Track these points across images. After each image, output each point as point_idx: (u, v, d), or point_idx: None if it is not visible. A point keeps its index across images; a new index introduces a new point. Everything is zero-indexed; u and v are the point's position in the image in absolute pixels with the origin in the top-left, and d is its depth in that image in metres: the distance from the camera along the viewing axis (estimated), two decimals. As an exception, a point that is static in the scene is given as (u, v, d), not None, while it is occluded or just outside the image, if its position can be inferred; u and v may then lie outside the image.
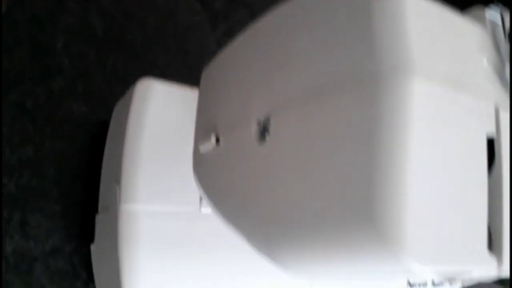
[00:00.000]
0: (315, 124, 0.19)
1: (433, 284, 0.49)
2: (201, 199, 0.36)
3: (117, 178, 0.34)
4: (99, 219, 0.39)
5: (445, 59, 0.19)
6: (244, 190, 0.22)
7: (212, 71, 0.27)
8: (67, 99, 0.43)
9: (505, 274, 0.20)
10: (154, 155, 0.35)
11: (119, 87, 0.44)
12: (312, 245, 0.19)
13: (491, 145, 0.20)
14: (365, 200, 0.17)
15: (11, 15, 0.43)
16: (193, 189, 0.36)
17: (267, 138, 0.21)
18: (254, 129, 0.22)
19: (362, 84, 0.17)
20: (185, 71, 0.50)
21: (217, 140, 0.25)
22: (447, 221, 0.17)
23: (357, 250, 0.17)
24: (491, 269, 0.19)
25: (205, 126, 0.26)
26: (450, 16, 0.20)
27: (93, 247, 0.39)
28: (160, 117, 0.36)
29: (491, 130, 0.19)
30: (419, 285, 0.48)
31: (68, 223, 0.41)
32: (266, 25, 0.22)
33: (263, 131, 0.22)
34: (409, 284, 0.48)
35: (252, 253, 0.38)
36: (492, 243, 0.19)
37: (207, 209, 0.37)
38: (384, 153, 0.17)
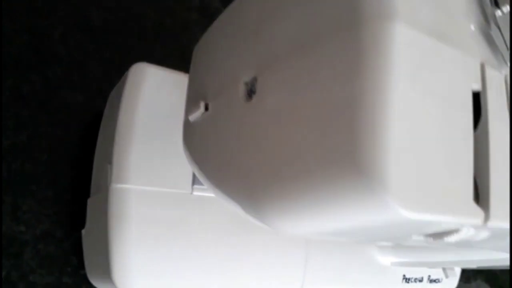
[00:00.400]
0: (299, 75, 0.19)
1: (429, 279, 0.48)
2: (193, 182, 0.36)
3: (109, 159, 0.34)
4: (91, 202, 0.38)
5: (430, 12, 0.19)
6: (231, 149, 0.22)
7: (202, 44, 0.28)
8: (63, 88, 0.44)
9: (491, 230, 0.20)
10: (147, 136, 0.35)
11: (115, 78, 0.44)
12: (297, 194, 0.18)
13: (477, 100, 0.20)
14: (348, 143, 0.17)
15: (11, 4, 0.43)
16: (185, 172, 0.36)
17: (254, 96, 0.21)
18: (241, 90, 0.22)
19: (345, 31, 0.17)
20: (182, 65, 0.50)
21: (206, 108, 0.25)
22: (431, 168, 0.17)
23: (340, 192, 0.17)
24: (478, 223, 0.18)
25: (194, 96, 0.26)
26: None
27: (84, 232, 0.39)
28: (153, 100, 0.36)
29: (477, 85, 0.20)
30: (415, 280, 0.48)
31: (60, 208, 0.40)
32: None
33: (250, 91, 0.22)
34: (405, 279, 0.47)
35: (244, 238, 0.38)
36: (479, 197, 0.19)
37: (199, 192, 0.36)
38: (366, 96, 0.17)
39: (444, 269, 0.43)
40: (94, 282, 0.38)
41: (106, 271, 0.33)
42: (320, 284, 0.42)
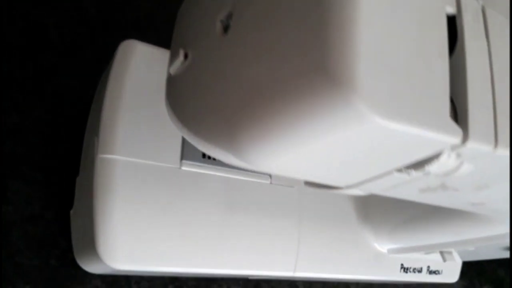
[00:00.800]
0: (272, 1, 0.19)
1: (429, 270, 0.47)
2: (182, 156, 0.36)
3: (96, 132, 0.34)
4: (79, 180, 0.38)
5: None
6: (209, 89, 0.22)
7: (185, 4, 0.28)
8: (57, 74, 0.44)
9: (474, 160, 0.20)
10: (135, 110, 0.35)
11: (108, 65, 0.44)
12: (271, 115, 0.18)
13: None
14: (317, 50, 0.16)
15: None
16: (174, 146, 0.36)
17: (229, 30, 0.21)
18: (218, 27, 0.22)
19: None
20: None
21: (186, 57, 0.25)
22: (404, 79, 0.17)
23: (313, 102, 0.17)
24: (456, 142, 0.18)
25: (175, 49, 0.26)
26: None
27: (72, 212, 0.38)
28: (142, 75, 0.36)
29: (451, 8, 0.19)
30: (414, 270, 0.46)
31: (50, 191, 0.40)
32: None
33: (226, 26, 0.22)
34: (403, 268, 0.46)
35: (234, 218, 0.37)
36: (458, 117, 0.19)
37: (188, 167, 0.36)
38: (335, 4, 0.16)
39: (442, 253, 0.42)
40: (81, 262, 0.37)
41: (91, 243, 0.32)
42: (313, 271, 0.41)
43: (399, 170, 0.21)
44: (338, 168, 0.21)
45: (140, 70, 0.36)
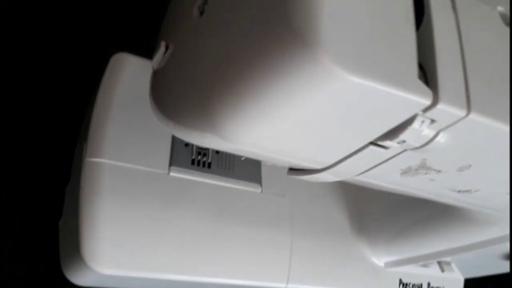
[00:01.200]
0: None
1: (429, 286, 0.45)
2: (170, 162, 0.36)
3: (85, 137, 0.34)
4: (67, 189, 0.38)
5: None
6: (187, 73, 0.22)
7: (171, 2, 0.29)
8: (51, 86, 0.45)
9: (449, 130, 0.19)
10: (124, 116, 0.35)
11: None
12: (244, 86, 0.18)
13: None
14: (282, 4, 0.17)
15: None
16: (163, 152, 0.36)
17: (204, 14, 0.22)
18: (195, 14, 0.23)
19: None
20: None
21: (167, 48, 0.25)
22: (368, 37, 0.17)
23: (277, 59, 0.17)
24: (426, 102, 0.18)
25: (158, 44, 0.26)
26: None
27: (60, 223, 0.38)
28: (132, 85, 0.37)
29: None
30: (413, 286, 0.45)
31: (39, 201, 0.40)
32: None
33: (202, 11, 0.22)
34: (402, 284, 0.45)
35: (224, 227, 0.36)
36: (428, 81, 0.19)
37: (177, 173, 0.36)
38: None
39: (440, 264, 0.40)
40: (68, 274, 0.36)
41: (76, 247, 0.31)
42: (307, 283, 0.40)
43: (375, 144, 0.21)
44: (314, 141, 0.20)
45: (130, 81, 0.37)
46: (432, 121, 0.19)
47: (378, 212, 0.42)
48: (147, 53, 0.40)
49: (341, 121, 0.19)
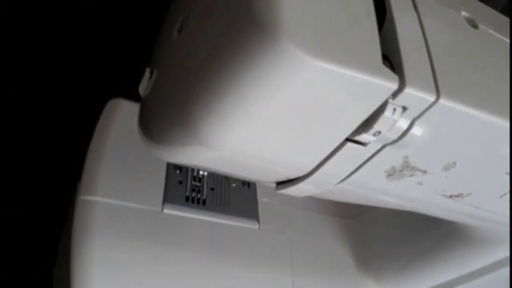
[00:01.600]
0: None
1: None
2: (164, 200, 0.36)
3: (79, 177, 0.35)
4: (62, 238, 0.37)
5: None
6: (168, 89, 0.23)
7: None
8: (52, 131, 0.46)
9: (424, 121, 0.20)
10: (117, 157, 0.36)
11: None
12: (213, 79, 0.19)
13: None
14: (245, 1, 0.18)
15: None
16: (157, 190, 0.36)
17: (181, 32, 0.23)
18: (175, 35, 0.24)
19: None
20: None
21: (151, 74, 0.26)
22: (329, 26, 0.18)
23: (242, 49, 0.17)
24: (393, 87, 0.18)
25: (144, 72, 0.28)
26: None
27: (55, 270, 0.37)
28: (126, 128, 0.38)
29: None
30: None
31: (34, 251, 0.39)
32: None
33: (180, 30, 0.24)
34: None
35: (219, 266, 0.35)
36: (395, 69, 0.19)
37: (170, 210, 0.36)
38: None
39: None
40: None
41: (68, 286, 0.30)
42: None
43: (352, 140, 0.21)
44: (291, 140, 0.21)
45: (125, 124, 0.38)
46: (404, 108, 0.19)
47: (382, 245, 0.41)
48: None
49: (313, 114, 0.19)
